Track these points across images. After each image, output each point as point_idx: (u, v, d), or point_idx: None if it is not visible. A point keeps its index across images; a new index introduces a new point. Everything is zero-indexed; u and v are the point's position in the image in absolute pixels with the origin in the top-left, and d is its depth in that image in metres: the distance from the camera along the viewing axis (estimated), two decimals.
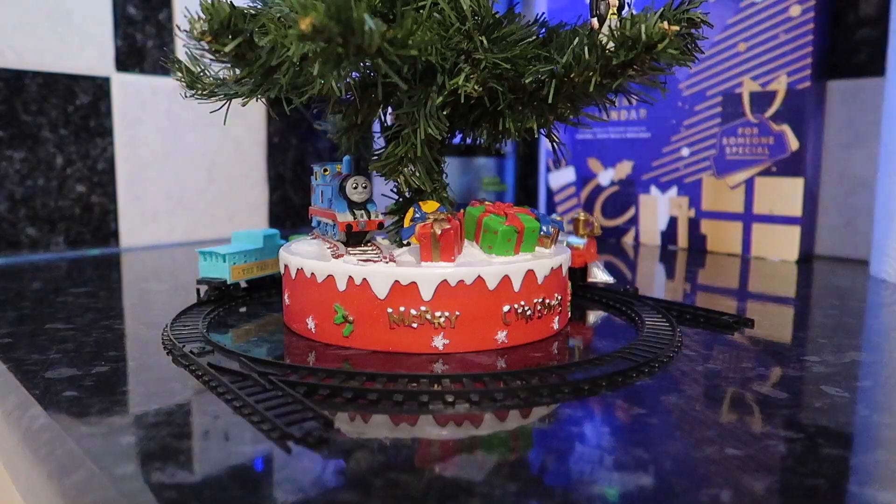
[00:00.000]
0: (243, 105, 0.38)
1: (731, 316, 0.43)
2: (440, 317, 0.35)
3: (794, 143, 0.69)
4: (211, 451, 0.25)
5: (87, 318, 0.44)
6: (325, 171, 0.44)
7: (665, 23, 0.33)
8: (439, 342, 0.36)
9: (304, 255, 0.39)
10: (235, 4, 0.34)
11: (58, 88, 0.73)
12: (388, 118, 0.43)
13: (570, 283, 0.42)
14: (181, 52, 0.81)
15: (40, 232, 0.73)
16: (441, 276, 0.35)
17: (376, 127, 0.45)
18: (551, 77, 0.36)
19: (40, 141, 0.72)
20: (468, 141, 0.45)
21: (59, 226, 0.74)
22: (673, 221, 0.79)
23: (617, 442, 0.25)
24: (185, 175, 0.84)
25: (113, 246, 0.79)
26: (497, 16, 0.38)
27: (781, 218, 0.70)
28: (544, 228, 0.40)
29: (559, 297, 0.40)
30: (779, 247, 0.71)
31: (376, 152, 0.43)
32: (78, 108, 0.74)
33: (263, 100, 0.39)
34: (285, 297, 0.41)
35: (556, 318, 0.40)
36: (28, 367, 0.34)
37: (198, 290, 0.47)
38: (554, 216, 0.42)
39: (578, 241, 0.51)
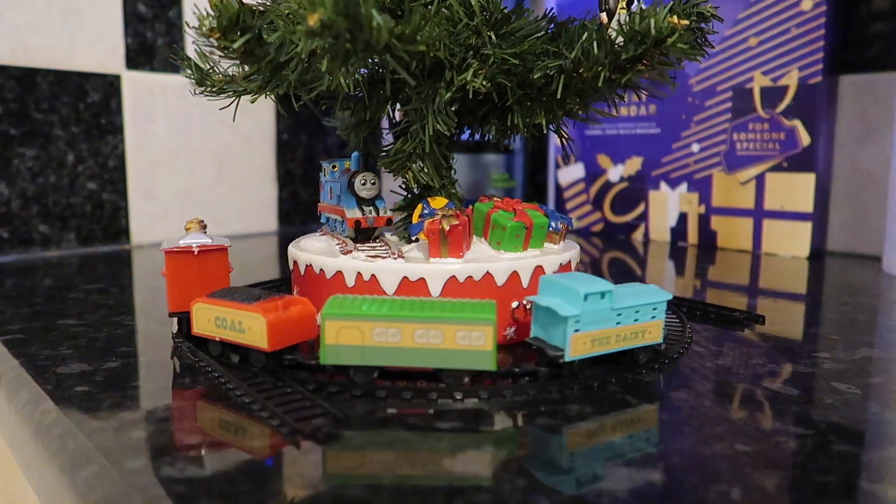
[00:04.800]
0: (252, 102, 0.38)
1: (742, 312, 0.43)
2: None
3: (805, 139, 0.68)
4: (220, 446, 0.25)
5: (99, 315, 0.44)
6: (334, 167, 0.44)
7: (674, 17, 0.33)
8: None
9: (312, 252, 0.39)
10: (244, 1, 0.34)
11: (69, 86, 0.73)
12: (397, 114, 0.43)
13: None
14: (191, 50, 0.81)
15: (52, 229, 0.74)
16: (449, 272, 0.35)
17: (385, 123, 0.45)
18: (560, 72, 0.36)
19: (52, 138, 0.73)
20: (477, 137, 0.45)
21: (70, 223, 0.75)
22: (683, 217, 0.79)
23: (626, 438, 0.25)
24: (196, 172, 0.84)
25: (124, 243, 0.79)
26: (505, 11, 0.38)
27: (792, 214, 0.70)
28: (553, 224, 0.40)
29: None
30: (790, 243, 0.70)
31: (385, 148, 0.43)
32: (89, 105, 0.75)
33: (272, 96, 0.39)
34: (294, 293, 0.41)
35: None
36: (40, 363, 0.34)
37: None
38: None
39: None
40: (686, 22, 0.33)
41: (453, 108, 0.39)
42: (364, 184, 0.41)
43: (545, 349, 0.31)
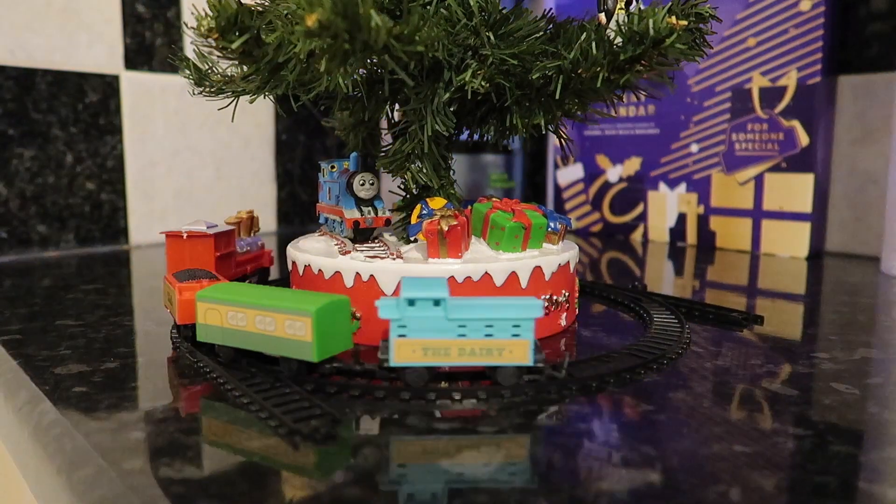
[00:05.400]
0: (251, 102, 0.38)
1: (741, 313, 0.43)
2: None
3: (804, 139, 0.69)
4: (218, 446, 0.25)
5: (97, 315, 0.44)
6: (333, 167, 0.44)
7: (673, 17, 0.33)
8: None
9: (311, 252, 0.39)
10: (242, 1, 0.34)
11: (67, 86, 0.73)
12: (396, 115, 0.43)
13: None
14: (189, 50, 0.81)
15: (50, 229, 0.73)
16: (448, 272, 0.35)
17: (383, 123, 0.45)
18: (559, 73, 0.36)
19: (50, 139, 0.72)
20: (475, 137, 0.45)
21: (69, 223, 0.75)
22: (682, 218, 0.79)
23: (625, 439, 0.25)
24: (194, 172, 0.84)
25: (122, 243, 0.79)
26: (504, 11, 0.38)
27: (791, 214, 0.70)
28: (552, 225, 0.40)
29: (567, 294, 0.40)
30: (788, 243, 0.70)
31: (384, 149, 0.43)
32: (87, 106, 0.75)
33: (271, 97, 0.39)
34: None
35: (564, 315, 0.40)
36: (38, 363, 0.34)
37: None
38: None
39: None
40: (684, 22, 0.33)
41: (452, 109, 0.39)
42: (363, 184, 0.41)
43: (382, 350, 0.30)
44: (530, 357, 0.29)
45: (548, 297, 0.38)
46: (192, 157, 0.84)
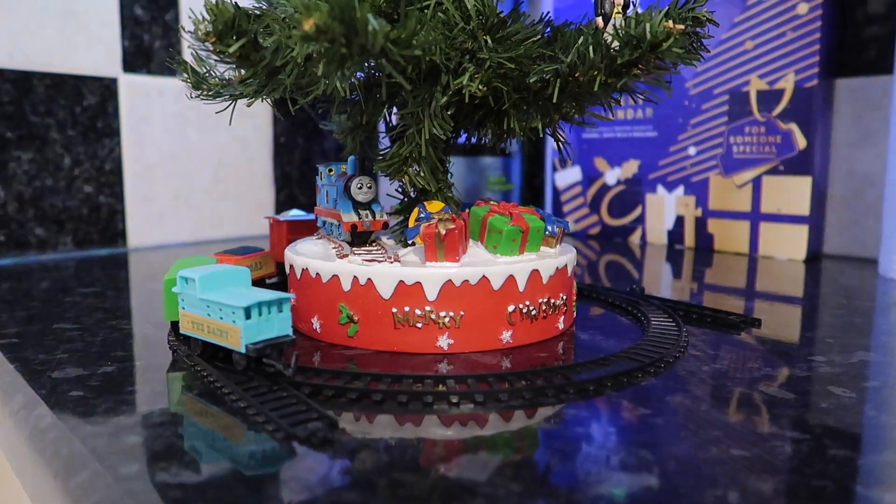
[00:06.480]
0: (248, 105, 0.38)
1: (738, 316, 0.43)
2: (445, 317, 0.35)
3: (801, 142, 0.69)
4: (215, 451, 0.25)
5: (95, 318, 0.44)
6: (331, 171, 0.44)
7: (670, 21, 0.33)
8: (444, 342, 0.36)
9: (309, 255, 0.39)
10: (240, 5, 0.34)
11: (65, 89, 0.73)
12: (393, 118, 0.43)
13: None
14: (187, 53, 0.81)
15: (48, 232, 0.73)
16: (446, 275, 0.35)
17: (381, 127, 0.45)
18: (556, 76, 0.36)
19: (48, 142, 0.72)
20: (473, 140, 0.45)
21: (67, 226, 0.75)
22: (680, 220, 0.79)
23: (622, 442, 0.25)
24: (192, 175, 0.84)
25: (120, 246, 0.79)
26: (501, 15, 0.38)
27: (789, 217, 0.70)
28: (549, 228, 0.40)
29: (564, 297, 0.40)
30: (786, 246, 0.71)
31: (381, 152, 0.43)
32: (85, 108, 0.75)
33: (269, 100, 0.39)
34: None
35: (562, 318, 0.40)
36: (35, 367, 0.34)
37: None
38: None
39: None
40: (682, 26, 0.33)
41: (449, 112, 0.39)
42: (360, 187, 0.41)
43: None
44: (242, 344, 0.31)
45: (545, 300, 0.38)
46: (190, 159, 0.84)
